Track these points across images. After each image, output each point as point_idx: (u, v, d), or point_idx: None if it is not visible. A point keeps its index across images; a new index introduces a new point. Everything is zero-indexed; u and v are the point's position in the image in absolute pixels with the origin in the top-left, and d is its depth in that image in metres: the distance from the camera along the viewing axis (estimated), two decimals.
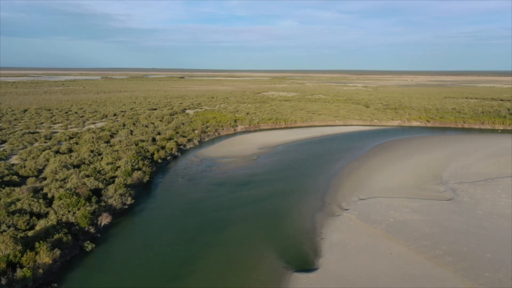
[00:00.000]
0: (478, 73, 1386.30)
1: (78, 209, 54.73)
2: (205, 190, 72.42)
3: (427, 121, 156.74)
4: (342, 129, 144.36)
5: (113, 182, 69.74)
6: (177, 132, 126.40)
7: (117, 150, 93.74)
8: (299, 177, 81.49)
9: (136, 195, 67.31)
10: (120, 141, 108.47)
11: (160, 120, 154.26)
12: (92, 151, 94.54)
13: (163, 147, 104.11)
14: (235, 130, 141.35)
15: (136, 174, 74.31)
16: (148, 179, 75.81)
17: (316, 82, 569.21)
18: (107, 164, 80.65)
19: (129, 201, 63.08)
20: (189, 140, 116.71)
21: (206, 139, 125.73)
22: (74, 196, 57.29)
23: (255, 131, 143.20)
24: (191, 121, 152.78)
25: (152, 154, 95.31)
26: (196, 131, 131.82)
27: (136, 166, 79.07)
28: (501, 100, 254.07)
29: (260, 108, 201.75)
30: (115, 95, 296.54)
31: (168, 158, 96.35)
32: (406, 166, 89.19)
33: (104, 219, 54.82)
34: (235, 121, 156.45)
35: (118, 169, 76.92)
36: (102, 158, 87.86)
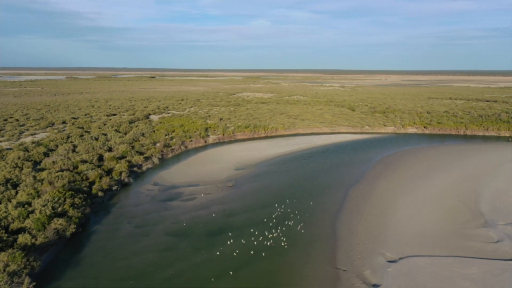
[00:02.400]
0: (448, 72, 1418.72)
1: None
2: (158, 248, 48.91)
3: (424, 127, 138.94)
4: (332, 138, 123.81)
5: (16, 241, 45.40)
6: (133, 147, 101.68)
7: (42, 179, 68.55)
8: (293, 217, 59.45)
9: (43, 270, 43.04)
10: (54, 162, 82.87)
11: (116, 130, 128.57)
12: (7, 181, 68.90)
13: (110, 171, 79.62)
14: (206, 142, 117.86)
15: (56, 224, 50.02)
16: (73, 230, 51.55)
17: (292, 82, 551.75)
18: (17, 205, 55.61)
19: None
20: (146, 159, 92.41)
21: (170, 155, 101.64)
22: None
23: (230, 142, 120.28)
24: (153, 131, 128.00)
25: (92, 183, 70.81)
26: (157, 145, 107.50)
27: (60, 209, 54.58)
28: (487, 101, 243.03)
29: (235, 112, 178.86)
30: (74, 97, 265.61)
31: (115, 188, 71.89)
32: (426, 193, 69.10)
33: None
34: (206, 129, 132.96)
35: (31, 215, 52.29)
36: (16, 193, 62.67)
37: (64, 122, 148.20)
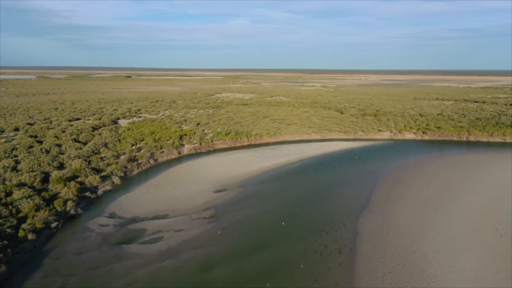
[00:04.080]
0: (425, 72, 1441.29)
1: None
2: None
3: (423, 132, 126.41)
4: (324, 147, 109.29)
5: None
6: (90, 162, 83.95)
7: None
8: (291, 270, 43.99)
9: None
10: None
11: (74, 139, 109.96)
12: None
13: (53, 198, 62.13)
14: (179, 153, 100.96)
15: None
16: None
17: (272, 82, 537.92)
18: None
19: None
20: (104, 178, 74.95)
21: (135, 171, 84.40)
22: None
23: (208, 153, 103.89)
24: (119, 140, 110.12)
25: (24, 219, 53.29)
26: (121, 158, 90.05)
27: None
28: (475, 101, 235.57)
29: (214, 115, 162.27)
30: (39, 98, 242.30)
31: (54, 225, 54.49)
32: (455, 223, 55.07)
33: None
34: (181, 137, 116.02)
35: None
36: None
37: (16, 129, 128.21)
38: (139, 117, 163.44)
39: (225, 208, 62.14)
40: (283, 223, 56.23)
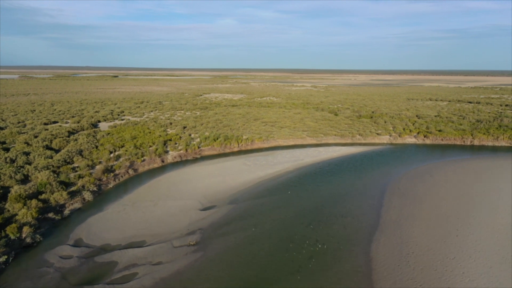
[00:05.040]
0: (412, 72, 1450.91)
1: None
2: None
3: (424, 136, 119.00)
4: (321, 153, 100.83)
5: None
6: (59, 174, 73.75)
7: None
8: None
9: None
10: None
11: (47, 146, 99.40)
12: None
13: (8, 222, 52.05)
14: (163, 162, 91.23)
15: None
16: None
17: (261, 82, 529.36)
18: None
19: None
20: (73, 195, 64.93)
21: (111, 184, 74.46)
22: None
23: (194, 160, 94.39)
24: (96, 146, 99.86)
25: None
26: (96, 168, 79.96)
27: None
28: (470, 102, 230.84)
29: (201, 118, 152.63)
30: (17, 99, 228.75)
31: (2, 259, 44.40)
32: (485, 252, 46.79)
33: None
34: (165, 143, 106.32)
35: None
36: None
37: None
38: (122, 119, 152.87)
39: (213, 231, 52.93)
40: (282, 251, 47.36)
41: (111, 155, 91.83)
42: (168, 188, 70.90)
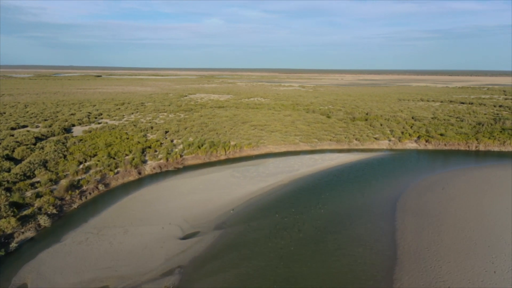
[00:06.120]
0: (398, 72, 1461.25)
1: None
2: None
3: (426, 141, 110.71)
4: (317, 162, 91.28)
5: None
6: (13, 192, 62.12)
7: None
8: None
9: None
10: None
11: (7, 156, 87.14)
12: None
13: None
14: (140, 174, 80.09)
15: None
16: None
17: (248, 82, 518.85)
18: None
19: None
20: (25, 220, 53.60)
21: (76, 203, 63.19)
22: None
23: (176, 171, 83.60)
24: (64, 156, 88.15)
25: None
26: (60, 184, 68.47)
27: None
28: (462, 103, 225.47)
29: (185, 121, 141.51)
30: None
31: None
32: None
33: None
34: (144, 151, 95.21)
35: None
36: None
37: None
38: (99, 123, 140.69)
39: (196, 270, 42.58)
40: None
41: (80, 166, 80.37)
42: (143, 209, 60.11)
